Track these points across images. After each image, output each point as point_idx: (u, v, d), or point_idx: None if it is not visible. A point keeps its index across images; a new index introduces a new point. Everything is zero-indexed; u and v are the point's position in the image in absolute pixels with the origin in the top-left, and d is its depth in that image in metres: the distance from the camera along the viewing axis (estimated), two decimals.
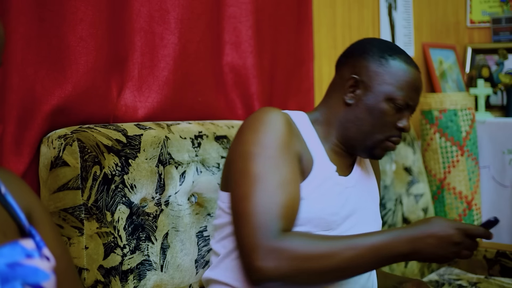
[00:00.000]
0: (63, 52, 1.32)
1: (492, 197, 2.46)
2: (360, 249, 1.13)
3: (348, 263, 1.13)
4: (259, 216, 1.15)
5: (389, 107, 1.30)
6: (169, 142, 1.41)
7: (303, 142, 1.29)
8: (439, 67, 2.76)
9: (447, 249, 1.14)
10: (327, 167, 1.31)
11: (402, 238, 1.14)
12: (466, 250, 1.16)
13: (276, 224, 1.15)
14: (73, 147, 1.24)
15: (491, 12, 2.86)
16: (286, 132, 1.24)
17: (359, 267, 1.15)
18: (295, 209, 1.21)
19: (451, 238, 1.14)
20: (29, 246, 0.75)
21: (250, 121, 1.27)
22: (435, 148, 2.32)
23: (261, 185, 1.18)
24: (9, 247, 0.73)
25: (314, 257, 1.13)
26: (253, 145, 1.22)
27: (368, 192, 1.42)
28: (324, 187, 1.28)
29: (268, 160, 1.20)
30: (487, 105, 2.74)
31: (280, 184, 1.18)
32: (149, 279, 1.31)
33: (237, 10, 1.75)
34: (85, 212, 1.22)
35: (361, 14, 2.42)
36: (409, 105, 1.32)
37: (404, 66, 1.31)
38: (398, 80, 1.30)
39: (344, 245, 1.14)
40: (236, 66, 1.76)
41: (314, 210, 1.24)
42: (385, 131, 1.31)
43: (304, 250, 1.13)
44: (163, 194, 1.38)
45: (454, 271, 2.13)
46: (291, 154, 1.23)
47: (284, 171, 1.20)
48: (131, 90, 1.49)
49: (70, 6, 1.32)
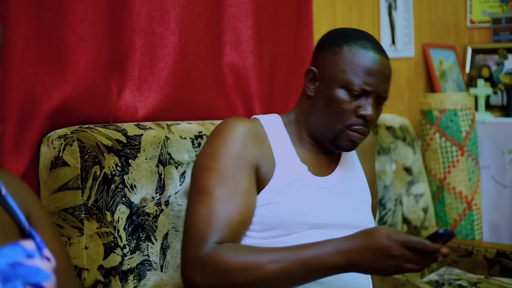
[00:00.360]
0: (63, 52, 1.32)
1: (492, 197, 2.46)
2: (286, 262, 1.10)
3: (273, 276, 1.11)
4: (195, 228, 1.18)
5: (345, 94, 1.27)
6: (169, 142, 1.41)
7: (266, 148, 1.29)
8: (439, 67, 2.77)
9: (384, 262, 1.06)
10: (296, 169, 1.30)
11: (334, 251, 1.09)
12: (410, 263, 1.05)
13: (211, 236, 1.16)
14: (73, 147, 1.24)
15: (491, 12, 2.86)
16: (241, 143, 1.25)
17: (287, 280, 1.12)
18: (244, 219, 1.21)
19: (387, 251, 1.05)
20: (29, 246, 0.76)
21: (210, 134, 1.30)
22: (435, 148, 2.32)
23: (204, 198, 1.21)
24: (10, 247, 0.73)
25: (238, 270, 1.12)
26: (205, 158, 1.26)
27: (354, 191, 1.39)
28: (290, 190, 1.27)
29: (216, 173, 1.22)
30: (487, 105, 2.74)
31: (225, 196, 1.20)
32: (149, 279, 1.31)
33: (237, 10, 1.75)
34: (85, 212, 1.22)
35: (361, 14, 2.42)
36: (367, 91, 1.26)
37: (360, 51, 1.27)
38: (353, 66, 1.26)
39: (269, 258, 1.11)
40: (236, 66, 1.76)
41: (281, 214, 1.24)
42: (344, 120, 1.28)
43: (229, 263, 1.12)
44: (163, 194, 1.38)
45: (454, 271, 2.13)
46: (243, 165, 1.23)
47: (232, 183, 1.21)
48: (131, 90, 1.49)
49: (70, 6, 1.32)
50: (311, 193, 1.29)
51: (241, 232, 1.22)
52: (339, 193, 1.34)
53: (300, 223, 1.25)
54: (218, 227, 1.17)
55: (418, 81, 2.73)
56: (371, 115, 1.27)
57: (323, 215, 1.28)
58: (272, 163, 1.28)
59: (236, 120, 1.28)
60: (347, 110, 1.27)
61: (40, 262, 0.75)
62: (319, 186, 1.31)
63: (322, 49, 1.34)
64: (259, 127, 1.31)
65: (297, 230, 1.24)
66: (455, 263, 2.19)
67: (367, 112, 1.26)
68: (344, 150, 1.33)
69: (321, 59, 1.32)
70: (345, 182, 1.37)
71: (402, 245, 1.05)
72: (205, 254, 1.15)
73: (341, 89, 1.27)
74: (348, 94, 1.27)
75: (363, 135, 1.30)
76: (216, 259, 1.13)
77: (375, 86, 1.27)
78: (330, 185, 1.34)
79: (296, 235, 1.24)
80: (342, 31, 1.35)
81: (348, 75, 1.26)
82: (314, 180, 1.31)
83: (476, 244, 2.20)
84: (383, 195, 2.03)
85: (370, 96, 1.27)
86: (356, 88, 1.26)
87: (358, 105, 1.27)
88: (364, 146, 1.50)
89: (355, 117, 1.28)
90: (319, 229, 1.26)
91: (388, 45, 2.54)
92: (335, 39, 1.32)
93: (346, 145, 1.30)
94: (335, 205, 1.31)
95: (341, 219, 1.30)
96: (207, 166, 1.24)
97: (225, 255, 1.13)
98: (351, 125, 1.28)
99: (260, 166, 1.27)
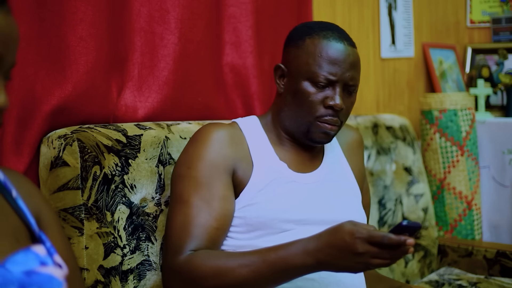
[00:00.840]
0: (63, 52, 1.32)
1: (492, 197, 2.45)
2: (255, 266, 1.11)
3: (244, 280, 1.11)
4: (173, 236, 1.20)
5: (311, 86, 1.27)
6: (169, 142, 1.41)
7: (244, 151, 1.30)
8: (439, 67, 2.76)
9: (350, 259, 1.04)
10: (275, 168, 1.30)
11: (300, 251, 1.08)
12: (377, 259, 1.03)
13: (187, 244, 1.18)
14: (73, 147, 1.24)
15: (491, 12, 2.86)
16: (216, 149, 1.26)
17: (258, 283, 1.12)
18: (219, 225, 1.22)
19: (350, 248, 1.03)
20: (41, 252, 0.76)
21: (188, 142, 1.31)
22: (435, 148, 2.32)
23: (181, 206, 1.22)
24: (23, 253, 0.74)
25: (210, 276, 1.13)
26: (181, 166, 1.27)
27: (342, 188, 1.38)
28: (270, 189, 1.27)
29: (192, 180, 1.23)
30: (487, 105, 2.74)
31: (201, 203, 1.21)
32: (149, 279, 1.31)
33: (237, 10, 1.75)
34: (85, 212, 1.22)
35: (361, 14, 2.42)
36: (332, 81, 1.27)
37: (322, 42, 1.28)
38: (315, 57, 1.27)
39: (239, 262, 1.12)
40: (236, 66, 1.76)
41: (262, 214, 1.24)
42: (312, 112, 1.28)
43: (201, 269, 1.14)
44: (163, 194, 1.38)
45: (454, 271, 2.13)
46: (218, 171, 1.24)
47: (207, 190, 1.22)
48: (131, 90, 1.49)
49: (70, 6, 1.32)
50: (293, 190, 1.29)
51: (218, 238, 1.23)
52: (325, 189, 1.33)
53: (283, 221, 1.24)
54: (194, 234, 1.19)
55: (418, 81, 2.73)
56: (339, 104, 1.27)
57: (308, 211, 1.27)
58: (250, 164, 1.29)
59: (211, 127, 1.30)
60: (315, 101, 1.28)
61: (54, 270, 0.76)
62: (302, 182, 1.31)
63: (288, 45, 1.36)
64: (236, 130, 1.32)
65: (282, 228, 1.24)
66: (455, 263, 2.19)
67: (334, 102, 1.27)
68: (320, 142, 1.32)
69: (287, 54, 1.34)
70: (331, 178, 1.37)
71: (366, 241, 1.02)
72: (181, 262, 1.17)
73: (307, 81, 1.28)
74: (314, 86, 1.28)
75: (335, 125, 1.29)
76: (190, 266, 1.15)
77: (339, 75, 1.27)
78: (314, 181, 1.33)
79: (283, 234, 1.24)
80: (306, 25, 1.36)
81: (311, 66, 1.27)
82: (297, 177, 1.31)
83: (476, 244, 2.20)
84: (383, 195, 2.04)
85: (336, 86, 1.27)
86: (320, 79, 1.27)
87: (326, 96, 1.28)
88: (350, 144, 1.49)
89: (324, 108, 1.28)
90: (306, 226, 1.25)
91: (388, 45, 2.54)
92: (299, 33, 1.33)
93: (319, 137, 1.30)
94: (320, 201, 1.30)
95: (329, 215, 1.28)
96: (183, 174, 1.25)
97: (198, 262, 1.15)
98: (321, 117, 1.28)
99: (237, 169, 1.28)
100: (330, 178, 1.37)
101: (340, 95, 1.27)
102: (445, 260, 2.21)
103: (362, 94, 2.41)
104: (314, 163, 1.37)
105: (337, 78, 1.27)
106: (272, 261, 1.10)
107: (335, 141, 1.46)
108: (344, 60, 1.27)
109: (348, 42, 1.30)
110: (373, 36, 2.48)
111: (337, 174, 1.40)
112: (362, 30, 2.42)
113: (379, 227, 2.00)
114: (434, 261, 2.20)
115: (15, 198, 0.84)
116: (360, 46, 2.42)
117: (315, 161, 1.38)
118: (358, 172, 1.48)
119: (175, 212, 1.23)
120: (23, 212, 0.84)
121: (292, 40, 1.34)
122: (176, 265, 1.17)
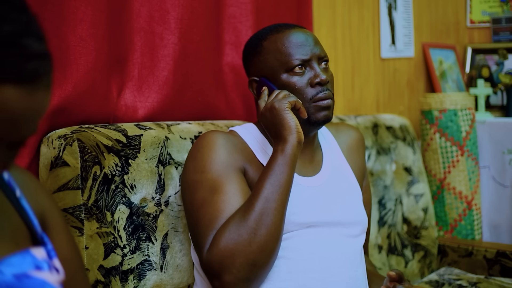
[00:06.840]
0: (63, 52, 1.32)
1: (492, 197, 2.45)
2: (268, 192, 1.17)
3: (274, 205, 1.16)
4: (204, 235, 1.18)
5: (292, 75, 1.31)
6: (169, 142, 1.41)
7: (250, 154, 1.31)
8: (439, 67, 2.77)
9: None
10: None
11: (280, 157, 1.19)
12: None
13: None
14: (73, 147, 1.24)
15: (491, 12, 2.86)
16: (225, 151, 1.26)
17: (277, 199, 1.17)
18: None
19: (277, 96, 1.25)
20: (40, 255, 0.74)
21: (191, 150, 1.30)
22: (435, 148, 2.32)
23: (206, 208, 1.20)
24: (19, 256, 0.72)
25: (243, 235, 1.13)
26: (193, 173, 1.26)
27: (343, 188, 1.39)
28: None
29: (209, 182, 1.22)
30: (487, 105, 2.74)
31: (225, 197, 1.20)
32: (149, 279, 1.31)
33: (237, 10, 1.75)
34: (85, 212, 1.22)
35: (361, 14, 2.42)
36: (306, 60, 1.31)
37: (278, 36, 1.33)
38: (281, 50, 1.32)
39: (253, 201, 1.16)
40: (236, 66, 1.76)
41: None
42: (304, 96, 1.30)
43: (233, 240, 1.13)
44: (163, 194, 1.38)
45: (454, 271, 2.13)
46: (232, 170, 1.25)
47: (227, 187, 1.22)
48: (131, 90, 1.49)
49: (70, 6, 1.32)
50: (299, 193, 1.29)
51: None
52: (329, 192, 1.35)
53: (293, 223, 1.25)
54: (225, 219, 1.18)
55: (418, 81, 2.73)
56: (324, 78, 1.30)
57: (314, 214, 1.28)
58: (259, 167, 1.30)
59: (215, 133, 1.30)
60: (302, 86, 1.31)
61: (48, 275, 0.73)
62: (306, 186, 1.32)
63: (248, 59, 1.40)
64: (237, 138, 1.33)
65: (292, 229, 1.25)
66: (455, 263, 2.19)
67: (320, 78, 1.30)
68: (324, 121, 1.33)
69: (253, 67, 1.38)
70: (333, 180, 1.38)
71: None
72: (220, 256, 1.14)
73: (285, 73, 1.31)
74: (293, 74, 1.31)
75: (330, 98, 1.33)
76: (226, 248, 1.13)
77: (310, 53, 1.32)
78: (318, 184, 1.34)
79: (292, 233, 1.24)
80: (255, 35, 1.41)
81: (282, 58, 1.31)
82: (302, 180, 1.32)
83: (476, 244, 2.20)
84: (383, 195, 2.04)
85: (312, 63, 1.32)
86: (295, 63, 1.31)
87: (308, 77, 1.31)
88: (350, 143, 1.51)
89: (312, 88, 1.31)
90: (311, 228, 1.27)
91: (388, 45, 2.54)
92: (253, 45, 1.38)
93: (322, 116, 1.32)
94: (325, 204, 1.32)
95: (333, 217, 1.30)
96: (198, 180, 1.24)
97: (226, 236, 1.14)
98: (314, 97, 1.31)
99: (247, 170, 1.28)
100: (332, 180, 1.38)
101: (320, 70, 1.31)
102: (445, 260, 2.21)
103: (362, 94, 2.41)
104: (315, 166, 1.38)
105: (309, 56, 1.32)
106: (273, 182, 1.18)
107: (334, 142, 1.47)
108: (306, 39, 1.33)
109: (299, 26, 1.37)
110: (373, 36, 2.48)
111: (339, 176, 1.40)
112: (362, 30, 2.42)
113: (379, 227, 2.00)
114: (434, 261, 2.20)
115: (18, 198, 0.83)
116: (360, 46, 2.44)
117: (316, 164, 1.39)
118: (358, 170, 1.49)
119: (201, 215, 1.20)
120: (26, 213, 0.83)
121: (250, 53, 1.39)
122: (220, 260, 1.14)
